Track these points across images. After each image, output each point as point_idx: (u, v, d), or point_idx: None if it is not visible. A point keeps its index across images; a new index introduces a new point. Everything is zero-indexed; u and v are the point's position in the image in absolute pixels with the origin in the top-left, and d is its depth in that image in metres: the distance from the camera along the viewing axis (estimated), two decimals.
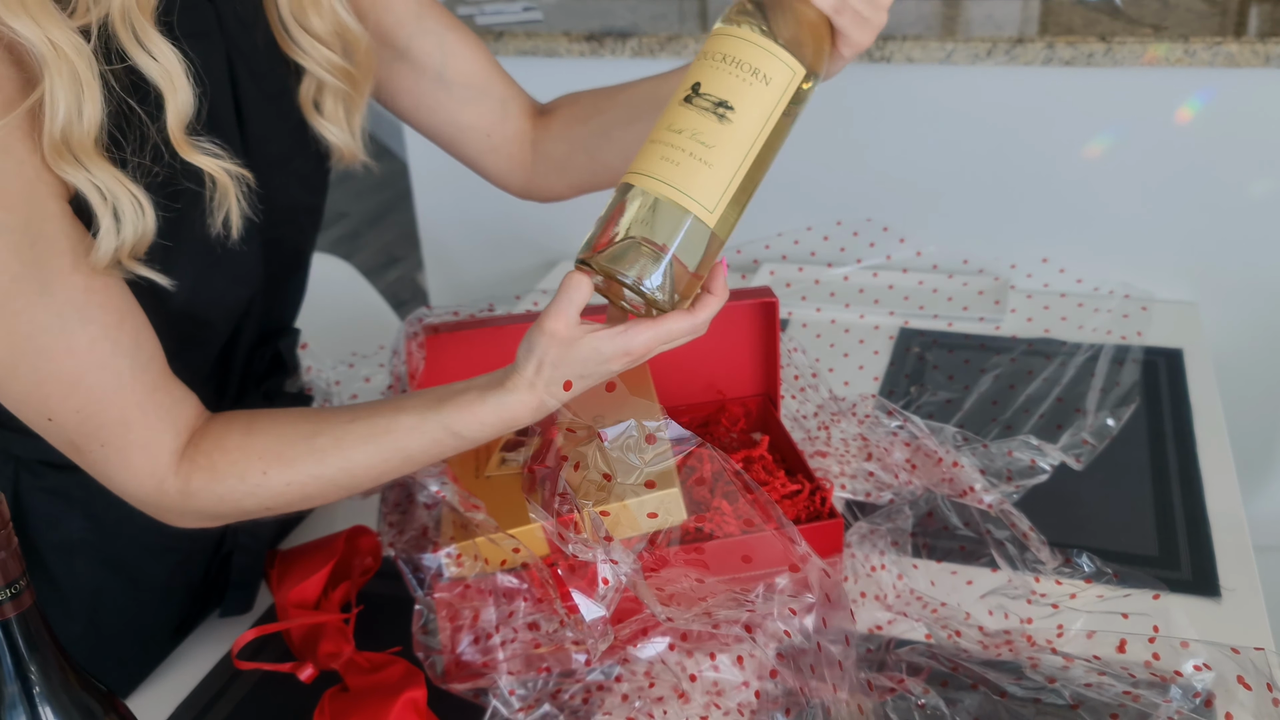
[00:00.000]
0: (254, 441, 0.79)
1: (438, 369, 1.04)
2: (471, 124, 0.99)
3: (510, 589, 0.87)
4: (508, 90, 1.00)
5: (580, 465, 0.66)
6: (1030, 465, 1.01)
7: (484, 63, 0.98)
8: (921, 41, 1.53)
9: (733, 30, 0.73)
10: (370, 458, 0.78)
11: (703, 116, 0.71)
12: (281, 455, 0.78)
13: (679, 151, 0.71)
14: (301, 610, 0.93)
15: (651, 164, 0.72)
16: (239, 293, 0.88)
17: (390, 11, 0.94)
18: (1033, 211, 1.61)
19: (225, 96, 0.83)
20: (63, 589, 0.92)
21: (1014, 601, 0.89)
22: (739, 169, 0.72)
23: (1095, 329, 1.41)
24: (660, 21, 1.71)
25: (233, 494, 0.79)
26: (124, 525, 0.90)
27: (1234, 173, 1.51)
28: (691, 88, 0.72)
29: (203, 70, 0.79)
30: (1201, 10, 1.59)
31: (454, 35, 0.96)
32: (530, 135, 1.01)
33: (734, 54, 0.72)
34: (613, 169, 0.99)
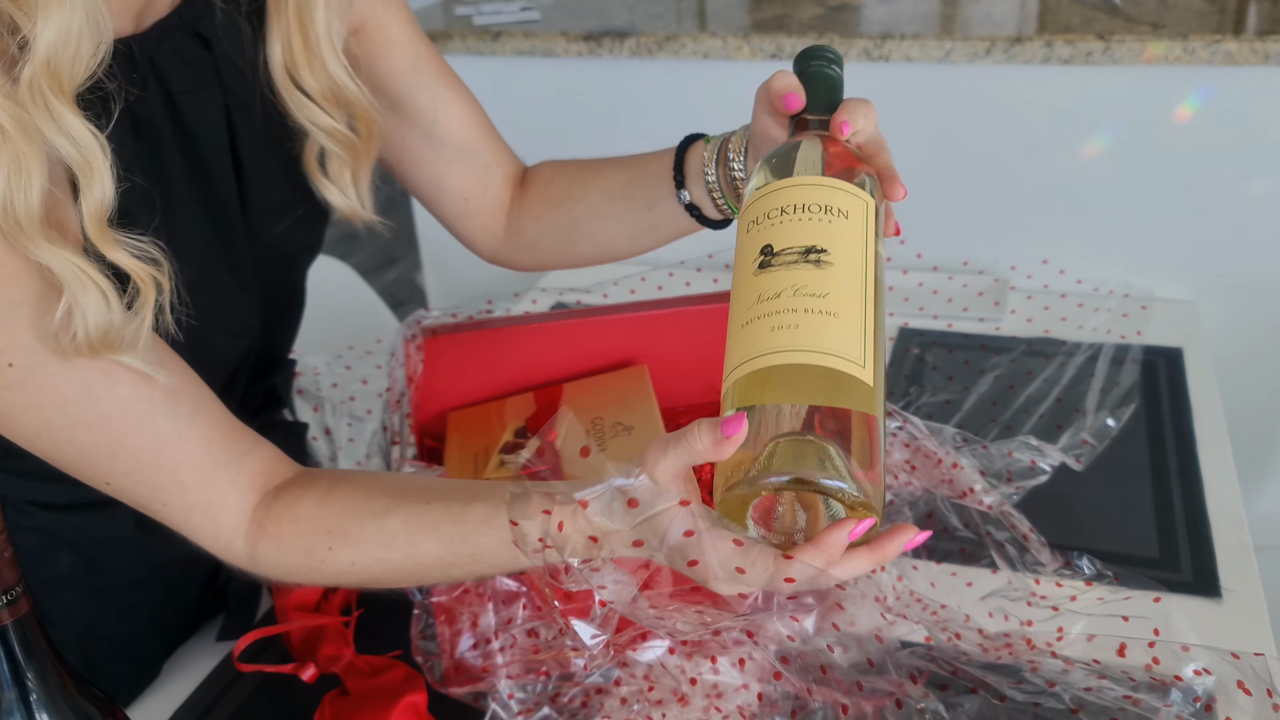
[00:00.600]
0: (325, 514, 0.73)
1: (436, 371, 1.04)
2: (452, 186, 0.97)
3: (509, 592, 0.86)
4: (495, 156, 0.97)
5: (564, 526, 0.64)
6: (1030, 466, 1.00)
7: (475, 125, 0.96)
8: (920, 40, 1.53)
9: (778, 185, 0.64)
10: (438, 548, 0.72)
11: (796, 271, 0.58)
12: (349, 533, 0.73)
13: (790, 314, 0.57)
14: (302, 613, 0.93)
15: (761, 342, 0.57)
16: (237, 344, 0.87)
17: (386, 60, 0.91)
18: (1032, 210, 1.60)
19: (223, 148, 0.82)
20: (54, 621, 0.90)
21: (1014, 604, 0.88)
22: (864, 309, 0.59)
23: (1095, 328, 1.40)
24: (658, 20, 1.71)
25: (299, 568, 0.75)
26: (113, 562, 0.90)
27: (1233, 171, 1.51)
28: (762, 252, 0.61)
29: (202, 121, 0.78)
30: (1200, 8, 1.59)
31: (449, 93, 0.94)
32: (507, 207, 0.99)
33: (795, 202, 0.62)
34: (583, 256, 0.97)
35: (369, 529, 0.73)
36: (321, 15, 0.82)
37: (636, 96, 1.72)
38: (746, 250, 0.62)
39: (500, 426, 1.03)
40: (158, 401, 0.70)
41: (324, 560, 0.74)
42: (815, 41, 1.57)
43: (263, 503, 0.74)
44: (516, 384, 1.07)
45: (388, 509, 0.73)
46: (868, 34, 1.56)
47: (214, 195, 0.82)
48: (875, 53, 1.55)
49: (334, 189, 0.87)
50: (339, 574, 0.74)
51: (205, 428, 0.72)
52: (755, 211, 0.64)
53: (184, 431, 0.71)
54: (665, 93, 1.70)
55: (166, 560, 0.89)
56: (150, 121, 0.76)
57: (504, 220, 0.99)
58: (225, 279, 0.84)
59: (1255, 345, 1.60)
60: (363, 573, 0.74)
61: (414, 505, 0.73)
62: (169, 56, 0.78)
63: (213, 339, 0.83)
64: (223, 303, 0.84)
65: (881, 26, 1.59)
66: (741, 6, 1.79)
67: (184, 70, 0.78)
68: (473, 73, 1.85)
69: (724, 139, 0.84)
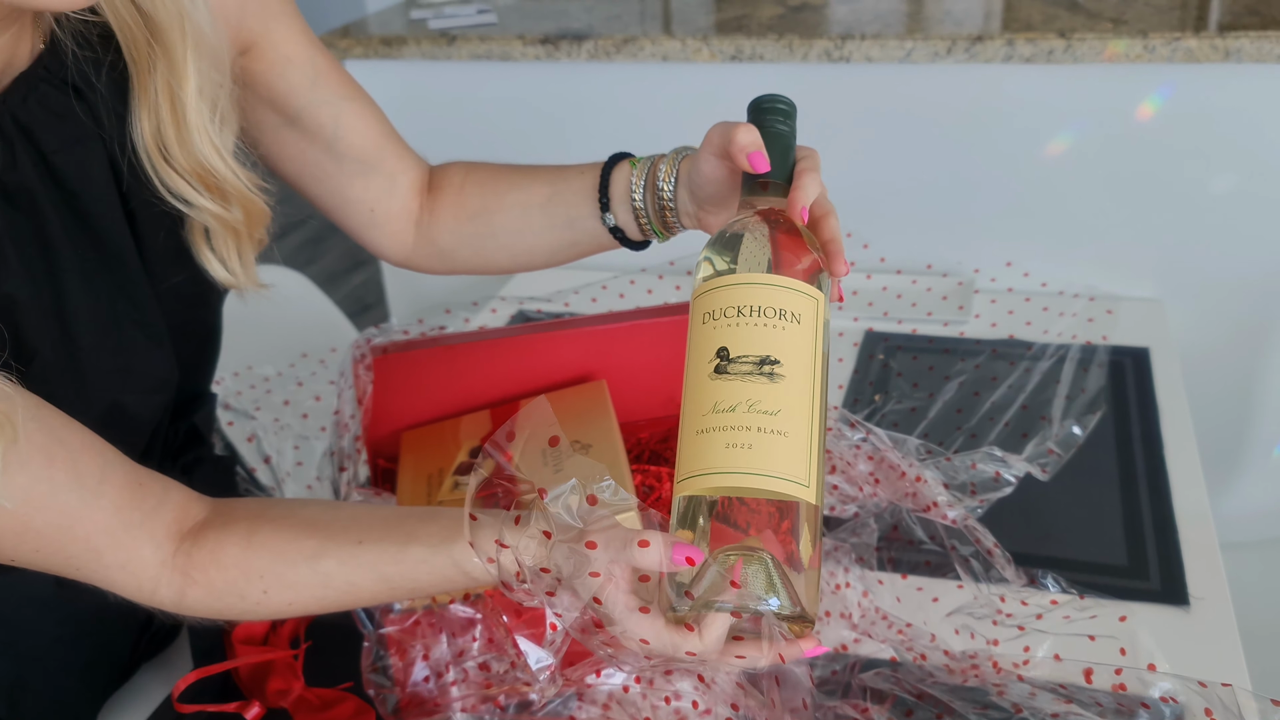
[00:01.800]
0: (254, 559, 0.72)
1: (389, 390, 1.01)
2: (357, 198, 0.94)
3: (463, 620, 0.84)
4: (399, 164, 0.94)
5: (520, 521, 0.63)
6: (995, 478, 0.99)
7: (378, 135, 0.93)
8: (880, 40, 1.51)
9: (731, 281, 0.65)
10: (377, 585, 0.72)
11: (750, 384, 0.62)
12: (282, 577, 0.72)
13: (744, 432, 0.61)
14: (248, 646, 0.90)
15: (716, 459, 0.61)
16: (155, 400, 0.84)
17: (284, 78, 0.87)
18: (996, 211, 1.59)
19: (113, 200, 0.77)
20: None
21: (980, 621, 0.87)
22: (811, 423, 0.63)
23: (1060, 333, 1.39)
24: (616, 23, 1.69)
25: (233, 609, 0.74)
26: (35, 622, 0.86)
27: (1196, 168, 1.50)
28: (719, 354, 0.63)
29: (85, 177, 0.74)
30: (1160, 4, 1.58)
31: (350, 105, 0.90)
32: (415, 214, 0.96)
33: (751, 304, 0.64)
34: (498, 266, 0.95)
35: (303, 572, 0.72)
36: (192, 98, 0.76)
37: (595, 100, 1.69)
38: (702, 347, 0.65)
39: (455, 446, 1.00)
40: (60, 480, 0.67)
41: (259, 602, 0.73)
42: (775, 43, 1.55)
43: (182, 549, 0.72)
44: (472, 401, 1.05)
45: (319, 551, 0.72)
46: (827, 34, 1.54)
47: (108, 251, 0.78)
48: (836, 53, 1.53)
49: (216, 262, 0.83)
50: (276, 611, 0.74)
51: (112, 493, 0.70)
52: (711, 304, 0.66)
53: (91, 502, 0.68)
54: (624, 96, 1.68)
55: (91, 613, 0.86)
56: (23, 190, 0.71)
57: (413, 228, 0.96)
58: (132, 336, 0.80)
59: (1221, 341, 1.60)
60: (301, 609, 0.74)
61: (346, 546, 0.71)
62: (36, 113, 0.73)
63: (128, 401, 0.80)
64: (133, 363, 0.80)
65: (843, 26, 1.57)
66: (703, 8, 1.77)
67: (54, 126, 0.74)
68: (429, 77, 1.83)
69: (652, 163, 0.83)
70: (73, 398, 0.72)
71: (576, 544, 0.63)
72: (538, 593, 0.64)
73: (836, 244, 0.70)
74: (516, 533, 0.65)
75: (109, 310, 0.78)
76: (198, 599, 0.73)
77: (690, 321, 0.67)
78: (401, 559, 0.70)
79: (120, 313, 0.79)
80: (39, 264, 0.73)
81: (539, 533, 0.64)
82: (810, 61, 1.55)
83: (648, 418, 1.10)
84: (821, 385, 0.65)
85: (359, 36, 1.75)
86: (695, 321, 0.66)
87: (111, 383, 0.79)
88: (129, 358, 0.80)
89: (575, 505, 0.63)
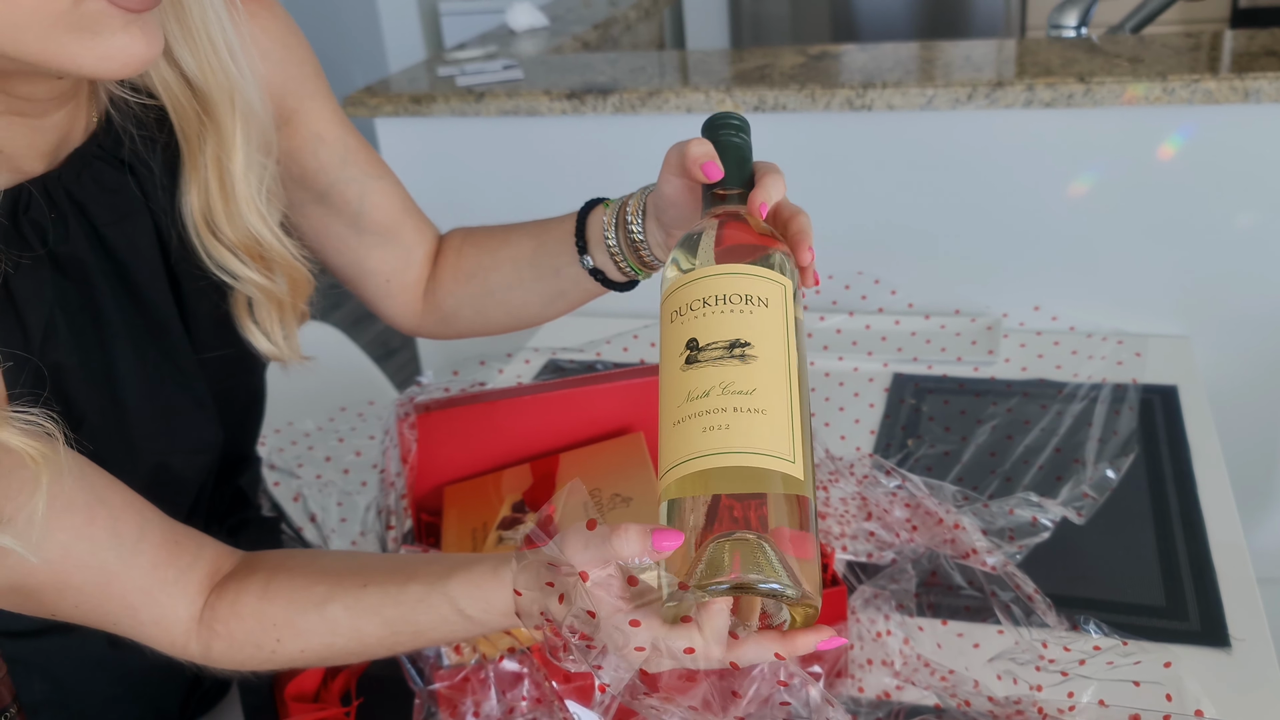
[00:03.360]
0: (268, 609, 0.74)
1: (432, 446, 1.03)
2: (375, 269, 0.96)
3: (513, 675, 0.85)
4: (416, 236, 0.96)
5: (565, 599, 0.64)
6: (1032, 523, 1.00)
7: (399, 210, 0.95)
8: (902, 88, 1.54)
9: (694, 276, 0.65)
10: (380, 630, 0.73)
11: (722, 368, 0.60)
12: (293, 624, 0.74)
13: (720, 414, 0.59)
14: (300, 704, 0.91)
15: (694, 444, 0.59)
16: (199, 460, 0.86)
17: (315, 157, 0.90)
18: (1021, 252, 1.61)
19: (159, 271, 0.80)
20: None
21: (1023, 667, 0.88)
22: (790, 398, 0.61)
23: (1090, 375, 1.40)
24: (640, 75, 1.72)
25: (252, 660, 0.76)
26: (88, 683, 0.88)
27: (1218, 206, 1.51)
28: (688, 346, 0.62)
29: (133, 248, 0.77)
30: (1178, 45, 1.60)
31: (375, 184, 0.93)
32: (425, 283, 0.99)
33: (716, 293, 0.63)
34: (498, 324, 0.97)
35: (312, 619, 0.74)
36: (240, 169, 0.79)
37: (622, 152, 1.72)
38: (672, 343, 0.63)
39: (498, 500, 1.02)
40: (100, 539, 0.69)
41: (274, 651, 0.75)
42: (797, 93, 1.58)
43: (209, 602, 0.75)
44: (512, 455, 1.07)
45: (327, 597, 0.74)
46: (849, 83, 1.56)
47: (154, 319, 0.80)
48: (858, 101, 1.56)
49: (259, 334, 0.85)
50: (290, 660, 0.76)
51: (150, 552, 0.72)
52: (677, 302, 0.65)
53: (129, 561, 0.71)
54: (650, 148, 1.70)
55: (142, 672, 0.88)
56: (75, 260, 0.75)
57: (422, 296, 0.99)
58: (178, 400, 0.83)
59: (1249, 377, 1.60)
60: (313, 657, 0.76)
61: (352, 590, 0.73)
62: (89, 188, 0.76)
63: (173, 463, 0.82)
64: (179, 426, 0.83)
65: (863, 74, 1.60)
66: (723, 59, 1.80)
67: (106, 200, 0.76)
68: (458, 133, 1.86)
69: (622, 202, 0.84)
70: (121, 459, 0.75)
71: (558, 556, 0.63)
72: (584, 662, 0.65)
73: (802, 234, 0.70)
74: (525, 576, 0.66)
75: (155, 375, 0.80)
76: (221, 652, 0.75)
77: (661, 324, 0.66)
78: (401, 599, 0.72)
79: (166, 377, 0.82)
80: (90, 333, 0.76)
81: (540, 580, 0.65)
82: (832, 110, 1.57)
83: None
84: (800, 368, 0.63)
85: (386, 95, 1.79)
86: (665, 323, 0.65)
87: (158, 445, 0.81)
88: (174, 420, 0.82)
89: (617, 589, 0.63)
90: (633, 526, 0.61)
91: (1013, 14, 3.50)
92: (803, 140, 1.63)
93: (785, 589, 0.57)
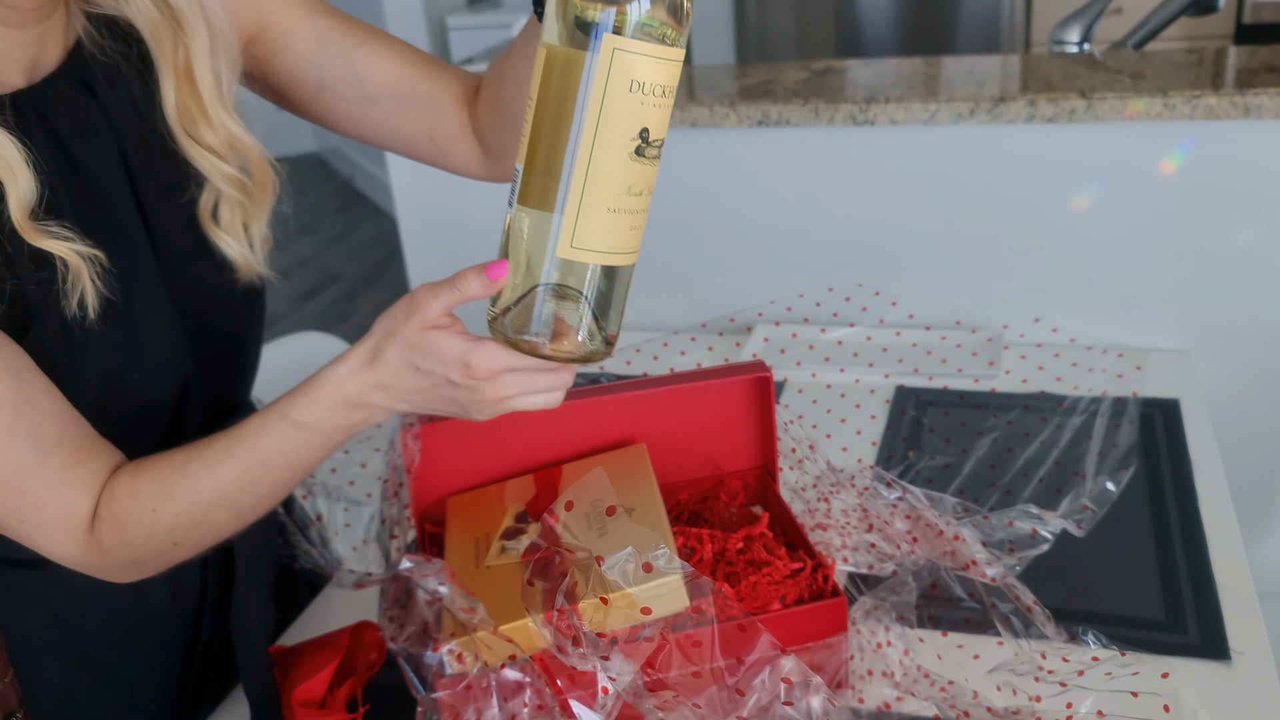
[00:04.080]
0: (139, 484, 0.79)
1: (435, 456, 1.04)
2: (412, 133, 0.96)
3: (514, 684, 0.86)
4: (433, 86, 0.94)
5: (579, 586, 0.66)
6: (1032, 535, 1.01)
7: (401, 66, 0.94)
8: (904, 103, 1.55)
9: (673, 58, 0.64)
10: (233, 469, 0.79)
11: (652, 168, 0.65)
12: (160, 490, 0.79)
13: (639, 215, 0.66)
14: (307, 710, 0.92)
15: (621, 239, 0.66)
16: (162, 383, 0.89)
17: (291, 50, 0.92)
18: (1023, 267, 1.61)
19: (124, 190, 0.84)
20: (34, 689, 0.91)
21: (1022, 678, 0.88)
22: None
23: (1090, 389, 1.41)
24: None
25: (137, 537, 0.80)
26: (86, 620, 0.92)
27: (1219, 222, 1.52)
28: (640, 136, 0.64)
29: (97, 164, 0.82)
30: (1180, 61, 1.61)
31: (363, 49, 0.93)
32: (470, 125, 0.97)
33: (672, 85, 0.64)
34: None
35: (176, 481, 0.79)
36: (208, 70, 0.84)
37: None
38: (626, 119, 0.63)
39: (500, 510, 1.03)
40: (20, 434, 0.75)
41: (154, 523, 0.79)
42: (801, 108, 1.59)
43: (100, 498, 0.80)
44: (515, 466, 1.07)
45: (186, 458, 0.80)
46: (852, 98, 1.58)
47: (118, 236, 0.84)
48: (861, 117, 1.57)
49: (227, 238, 0.89)
50: (170, 529, 0.80)
51: (64, 454, 0.78)
52: (645, 74, 0.63)
53: (43, 459, 0.76)
54: None
55: (139, 615, 0.92)
56: (37, 167, 0.78)
57: (476, 143, 0.97)
58: (143, 319, 0.86)
59: (1250, 392, 1.61)
60: (187, 519, 0.80)
61: (205, 446, 0.80)
62: (55, 105, 0.81)
63: (132, 378, 0.85)
64: (144, 343, 0.86)
65: (866, 90, 1.61)
66: (727, 74, 1.81)
67: (71, 116, 0.81)
68: None
69: None
70: (67, 366, 0.79)
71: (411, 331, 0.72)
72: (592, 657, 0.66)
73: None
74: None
75: (118, 291, 0.83)
76: (111, 537, 0.79)
77: (597, 65, 0.63)
78: (244, 434, 0.78)
79: (132, 295, 0.84)
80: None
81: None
82: (835, 124, 1.58)
83: (686, 479, 1.12)
84: None
85: None
86: (617, 79, 0.62)
87: (117, 358, 0.84)
88: (139, 338, 0.85)
89: (631, 572, 0.65)
90: (468, 269, 0.71)
91: (1016, 30, 3.52)
92: (806, 155, 1.65)
93: (587, 346, 0.68)
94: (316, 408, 0.76)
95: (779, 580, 0.96)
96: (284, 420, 0.77)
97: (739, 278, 1.73)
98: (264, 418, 0.79)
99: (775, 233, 1.70)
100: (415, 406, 0.76)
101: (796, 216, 1.68)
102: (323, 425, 0.77)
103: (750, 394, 1.09)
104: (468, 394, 0.73)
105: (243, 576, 0.97)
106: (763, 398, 1.08)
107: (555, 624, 0.67)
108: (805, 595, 0.96)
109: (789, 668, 0.83)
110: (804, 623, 0.90)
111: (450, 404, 0.75)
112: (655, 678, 0.77)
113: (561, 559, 0.88)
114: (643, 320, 1.79)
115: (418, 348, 0.72)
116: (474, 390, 0.73)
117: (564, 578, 0.79)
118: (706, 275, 1.74)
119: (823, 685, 0.83)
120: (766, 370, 1.05)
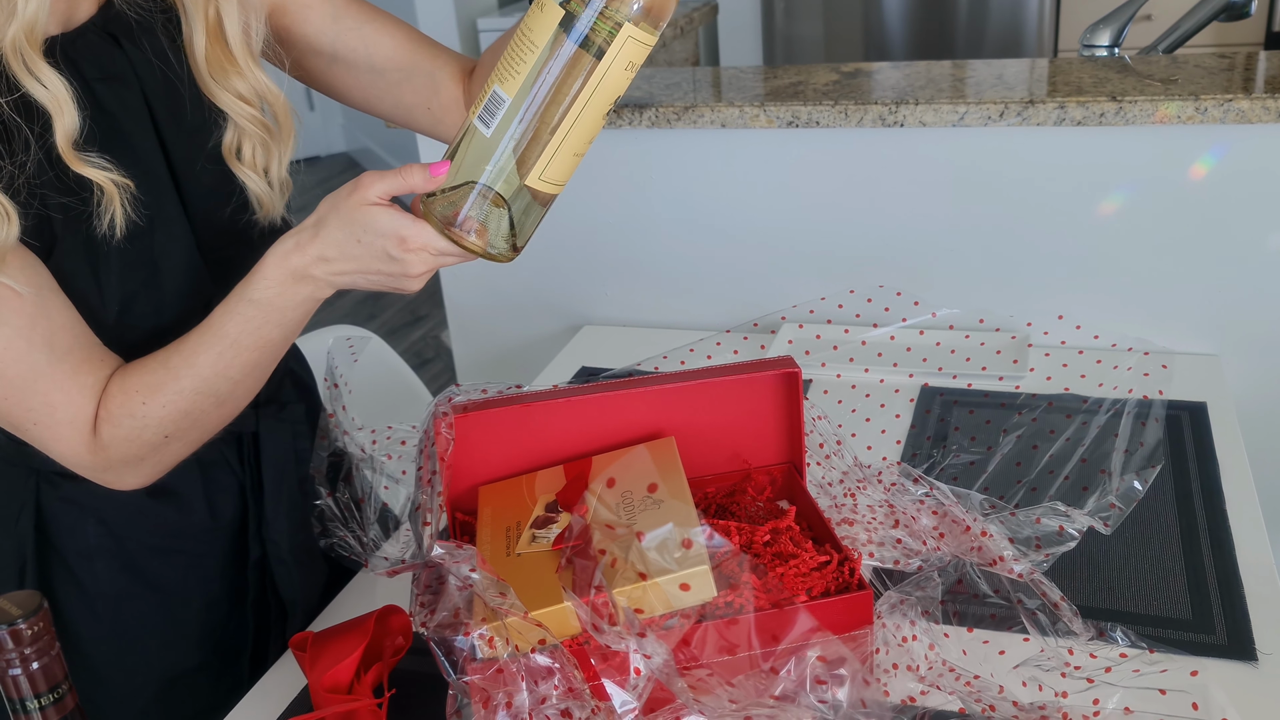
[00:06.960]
0: (129, 380, 0.87)
1: (468, 446, 1.06)
2: (412, 103, 1.06)
3: (544, 669, 0.87)
4: (433, 62, 1.06)
5: (617, 562, 0.67)
6: (1059, 532, 1.01)
7: (405, 43, 1.05)
8: (934, 106, 1.55)
9: (654, 42, 0.76)
10: (207, 355, 0.87)
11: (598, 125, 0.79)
12: (147, 384, 0.87)
13: (578, 161, 0.79)
14: (334, 696, 0.93)
15: (565, 171, 0.79)
16: (181, 304, 0.95)
17: (309, 23, 1.02)
18: (1049, 268, 1.61)
19: (147, 130, 0.91)
20: (88, 593, 0.99)
21: (1048, 674, 0.88)
22: None
23: (1116, 387, 1.41)
24: (675, 90, 1.74)
25: (132, 431, 0.87)
26: (131, 528, 0.99)
27: (1250, 226, 1.52)
28: (615, 103, 0.78)
29: (121, 106, 0.89)
30: (1210, 65, 1.61)
31: (372, 26, 1.04)
32: (463, 99, 1.07)
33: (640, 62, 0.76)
34: None
35: (159, 374, 0.87)
36: (237, 23, 0.93)
37: (656, 165, 1.74)
38: (614, 88, 0.77)
39: (531, 500, 1.04)
40: (37, 341, 0.83)
41: (145, 415, 0.87)
42: (830, 109, 1.59)
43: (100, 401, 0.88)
44: (546, 457, 1.09)
45: (168, 353, 0.88)
46: (881, 100, 1.58)
47: (146, 173, 0.91)
48: (889, 119, 1.57)
49: (249, 173, 0.97)
50: (161, 420, 0.88)
51: (74, 361, 0.86)
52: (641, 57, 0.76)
53: (55, 364, 0.85)
54: (684, 161, 1.73)
55: (180, 529, 1.00)
56: (80, 103, 0.85)
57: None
58: (162, 243, 0.93)
59: (1279, 397, 1.60)
60: (175, 409, 0.88)
61: (182, 341, 0.88)
62: (83, 51, 0.88)
63: (150, 298, 0.93)
64: (166, 269, 0.93)
65: (895, 92, 1.62)
66: (756, 76, 1.82)
67: (97, 62, 0.89)
68: None
69: None
70: (89, 278, 0.87)
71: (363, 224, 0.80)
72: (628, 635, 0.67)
73: None
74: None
75: (143, 218, 0.90)
76: (108, 433, 0.87)
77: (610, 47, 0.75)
78: (212, 322, 0.87)
79: (154, 222, 0.91)
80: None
81: None
82: (865, 126, 1.59)
83: (714, 472, 1.13)
84: None
85: None
86: (621, 60, 0.76)
87: (133, 275, 0.91)
88: (154, 258, 0.92)
89: (672, 548, 0.67)
90: (414, 163, 0.80)
91: (1045, 34, 3.51)
92: (835, 156, 1.65)
93: (491, 250, 0.81)
94: (268, 283, 0.84)
95: (805, 573, 0.97)
96: (243, 300, 0.85)
97: (767, 278, 1.73)
98: (228, 302, 0.87)
99: (803, 233, 1.71)
100: (353, 281, 0.83)
101: (825, 217, 1.69)
102: (275, 300, 0.85)
103: (778, 389, 1.09)
104: (400, 267, 0.81)
105: (270, 493, 1.07)
106: (790, 393, 1.09)
107: (591, 601, 0.68)
108: (831, 589, 0.97)
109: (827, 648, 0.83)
110: (830, 615, 0.91)
111: (384, 277, 0.83)
112: (689, 656, 0.77)
113: (593, 546, 0.89)
114: (673, 320, 1.80)
115: (359, 221, 0.80)
116: (404, 265, 0.81)
117: (597, 562, 0.80)
118: (734, 275, 1.75)
119: (860, 667, 0.83)
120: (794, 365, 1.06)
